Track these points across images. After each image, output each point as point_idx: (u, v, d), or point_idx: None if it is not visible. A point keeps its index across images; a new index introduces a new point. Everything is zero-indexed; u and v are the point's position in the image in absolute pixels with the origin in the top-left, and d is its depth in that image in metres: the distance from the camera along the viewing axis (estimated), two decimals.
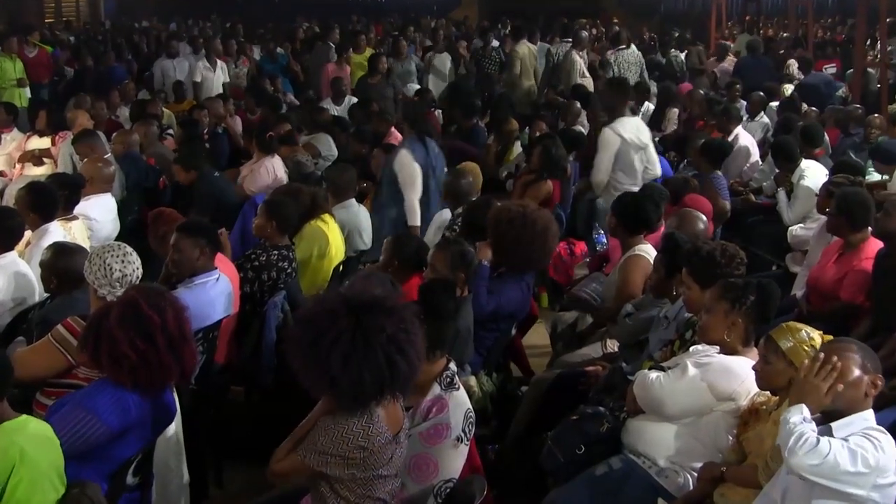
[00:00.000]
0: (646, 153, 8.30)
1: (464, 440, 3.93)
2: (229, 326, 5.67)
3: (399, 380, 3.25)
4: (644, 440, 4.32)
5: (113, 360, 3.67)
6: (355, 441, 3.24)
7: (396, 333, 3.22)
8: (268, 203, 6.36)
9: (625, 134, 8.16)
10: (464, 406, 3.99)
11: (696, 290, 4.75)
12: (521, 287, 5.72)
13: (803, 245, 7.47)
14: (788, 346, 3.78)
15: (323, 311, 3.22)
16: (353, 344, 3.14)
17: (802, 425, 3.22)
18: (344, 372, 3.13)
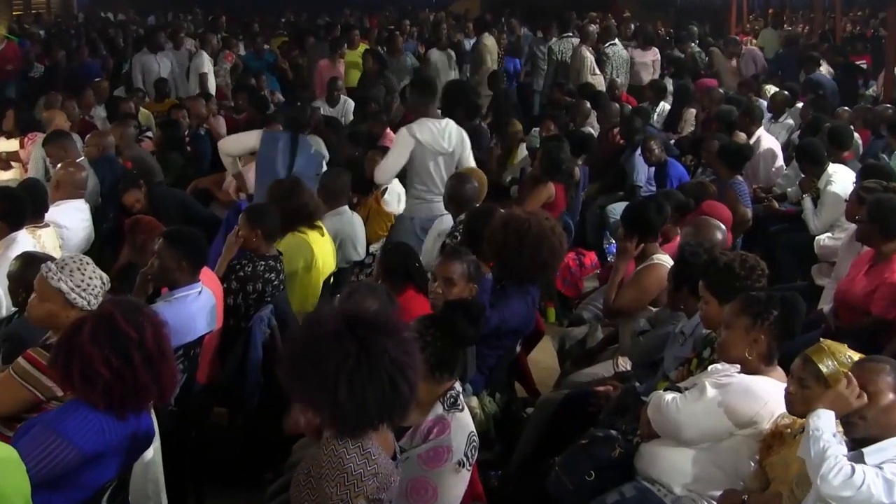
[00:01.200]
0: (450, 160, 8.11)
1: (466, 465, 3.93)
2: (212, 343, 5.66)
3: (400, 403, 3.26)
4: (659, 466, 4.31)
5: (85, 378, 3.65)
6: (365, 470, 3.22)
7: (399, 356, 3.24)
8: (249, 211, 6.36)
9: (420, 136, 8.03)
10: (467, 429, 4.00)
11: (714, 305, 4.76)
12: (525, 301, 5.72)
13: (831, 256, 7.47)
14: (830, 371, 3.73)
15: (326, 333, 3.22)
16: (359, 366, 3.15)
17: (835, 447, 3.21)
18: (350, 395, 3.14)
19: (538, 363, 6.90)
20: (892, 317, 5.90)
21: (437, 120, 8.16)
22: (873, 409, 3.32)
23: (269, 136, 8.04)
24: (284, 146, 7.98)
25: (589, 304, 7.09)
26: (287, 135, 8.06)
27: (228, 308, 5.92)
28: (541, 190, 8.42)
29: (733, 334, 4.28)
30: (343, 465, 3.16)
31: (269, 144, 8.03)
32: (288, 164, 7.93)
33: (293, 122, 8.16)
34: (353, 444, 3.20)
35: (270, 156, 7.99)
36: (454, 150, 8.12)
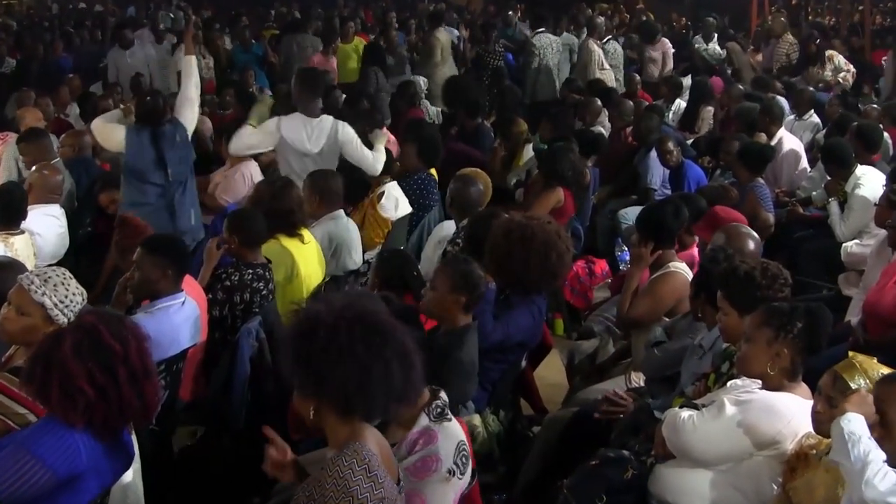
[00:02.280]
0: (319, 161, 8.17)
1: (456, 473, 3.93)
2: (196, 357, 5.67)
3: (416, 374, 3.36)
4: (675, 489, 4.31)
5: (65, 395, 3.64)
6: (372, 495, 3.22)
7: (398, 326, 3.37)
8: (229, 216, 6.38)
9: (285, 132, 8.13)
10: (456, 438, 4.00)
11: (734, 317, 4.76)
12: (531, 312, 5.73)
13: (859, 264, 7.47)
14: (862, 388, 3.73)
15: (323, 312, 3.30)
16: (369, 332, 3.26)
17: (875, 451, 3.21)
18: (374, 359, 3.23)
19: (545, 379, 6.90)
20: None
21: (312, 118, 8.21)
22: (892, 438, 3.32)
23: (131, 136, 7.92)
24: (148, 142, 7.89)
25: (599, 316, 7.09)
26: (147, 130, 7.92)
27: (214, 320, 5.93)
28: (549, 195, 8.43)
29: (754, 348, 4.27)
30: (348, 489, 3.16)
31: (132, 145, 7.92)
32: (155, 159, 7.87)
33: (147, 115, 8.00)
34: (359, 465, 3.20)
35: (136, 157, 7.90)
36: (323, 151, 8.20)
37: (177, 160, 7.94)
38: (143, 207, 7.69)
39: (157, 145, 7.87)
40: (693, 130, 12.70)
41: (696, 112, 12.92)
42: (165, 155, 7.88)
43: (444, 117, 13.02)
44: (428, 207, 8.70)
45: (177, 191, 7.94)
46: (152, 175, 7.85)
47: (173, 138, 7.95)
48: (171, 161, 7.90)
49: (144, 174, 7.85)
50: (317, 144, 8.18)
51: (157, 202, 7.87)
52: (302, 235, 6.79)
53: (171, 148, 7.92)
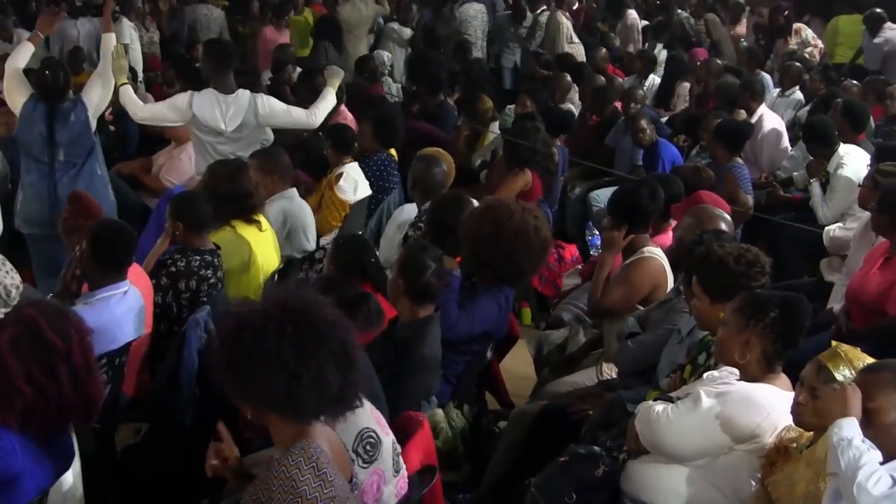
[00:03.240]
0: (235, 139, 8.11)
1: (357, 462, 3.91)
2: (140, 350, 5.64)
3: (356, 376, 3.32)
4: (648, 486, 4.33)
5: (1, 394, 3.62)
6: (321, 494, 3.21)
7: (338, 319, 3.32)
8: (174, 201, 6.34)
9: (197, 110, 8.02)
10: (357, 426, 3.98)
11: (705, 302, 4.79)
12: (497, 301, 5.74)
13: (842, 248, 7.50)
14: (846, 381, 3.74)
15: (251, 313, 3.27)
16: (300, 333, 3.20)
17: (869, 453, 3.23)
18: (303, 365, 3.17)
19: (512, 371, 6.91)
20: None
21: (226, 94, 8.11)
22: (874, 429, 3.34)
23: (27, 107, 7.81)
24: (40, 117, 7.77)
25: (569, 304, 7.11)
26: (43, 104, 7.79)
27: (158, 309, 5.90)
28: (516, 177, 8.44)
29: (726, 333, 4.32)
30: (296, 489, 3.15)
31: (25, 116, 7.83)
32: (43, 136, 7.74)
33: (44, 92, 7.83)
34: (307, 464, 3.19)
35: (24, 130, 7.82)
36: (241, 129, 8.10)
37: (68, 140, 7.77)
38: (30, 188, 7.71)
39: (48, 122, 7.74)
40: (668, 107, 12.74)
41: (672, 88, 12.96)
42: (56, 134, 7.74)
43: (406, 94, 13.00)
44: (388, 190, 8.69)
45: (66, 174, 7.78)
46: (38, 152, 7.74)
47: (68, 117, 7.80)
48: (62, 141, 7.75)
49: (31, 149, 7.75)
50: (233, 122, 8.04)
51: (39, 183, 7.73)
52: (259, 222, 6.75)
53: (64, 127, 7.78)
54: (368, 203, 8.49)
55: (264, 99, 8.24)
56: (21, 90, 7.80)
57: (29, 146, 7.75)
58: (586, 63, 13.36)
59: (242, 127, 8.07)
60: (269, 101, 8.26)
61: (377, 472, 3.93)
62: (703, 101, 11.98)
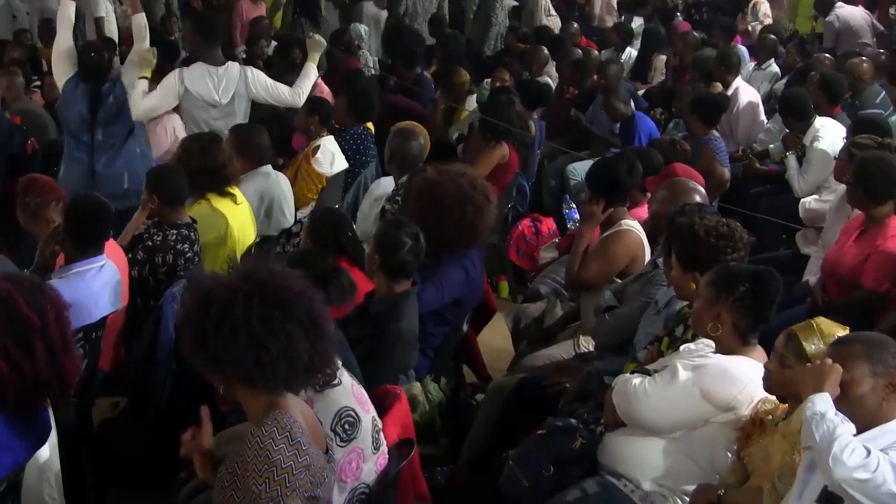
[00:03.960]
0: (229, 111, 8.17)
1: (336, 441, 3.91)
2: (117, 324, 5.63)
3: (325, 345, 3.31)
4: (625, 459, 4.34)
5: None
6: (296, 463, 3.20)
7: (306, 290, 3.31)
8: (150, 175, 6.32)
9: (190, 84, 8.08)
10: (336, 405, 3.97)
11: (678, 271, 4.85)
12: (462, 265, 5.73)
13: (818, 221, 7.53)
14: (815, 351, 3.78)
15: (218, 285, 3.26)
16: (267, 305, 3.20)
17: (843, 426, 3.24)
18: (271, 336, 3.16)
19: (489, 344, 6.92)
20: (884, 290, 5.96)
21: (216, 66, 8.14)
22: (847, 401, 3.36)
23: (69, 86, 7.89)
24: (80, 97, 7.84)
25: (547, 278, 7.12)
26: (85, 84, 7.87)
27: (135, 283, 5.88)
28: (492, 150, 8.43)
29: (700, 305, 4.36)
30: (271, 458, 3.14)
31: (66, 95, 7.90)
32: (83, 115, 7.81)
33: (88, 73, 7.91)
34: (280, 433, 3.18)
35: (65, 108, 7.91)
36: (233, 101, 8.14)
37: (107, 121, 7.85)
38: (72, 163, 7.76)
39: (89, 102, 7.80)
40: (645, 80, 12.73)
41: (648, 61, 12.95)
42: (97, 114, 7.81)
43: (383, 68, 12.96)
44: (364, 163, 8.67)
45: (105, 153, 7.83)
46: (77, 130, 7.81)
47: (107, 98, 7.86)
48: (101, 121, 7.82)
49: (70, 126, 7.83)
50: (226, 94, 8.10)
51: (80, 159, 7.81)
52: (234, 195, 6.73)
53: (103, 108, 7.85)
54: (345, 177, 8.46)
55: (254, 72, 8.28)
56: (67, 67, 7.89)
57: (69, 123, 7.86)
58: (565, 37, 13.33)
59: (235, 99, 8.11)
60: (258, 74, 8.31)
61: (356, 451, 3.93)
62: (680, 74, 11.98)
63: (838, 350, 3.48)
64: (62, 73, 7.89)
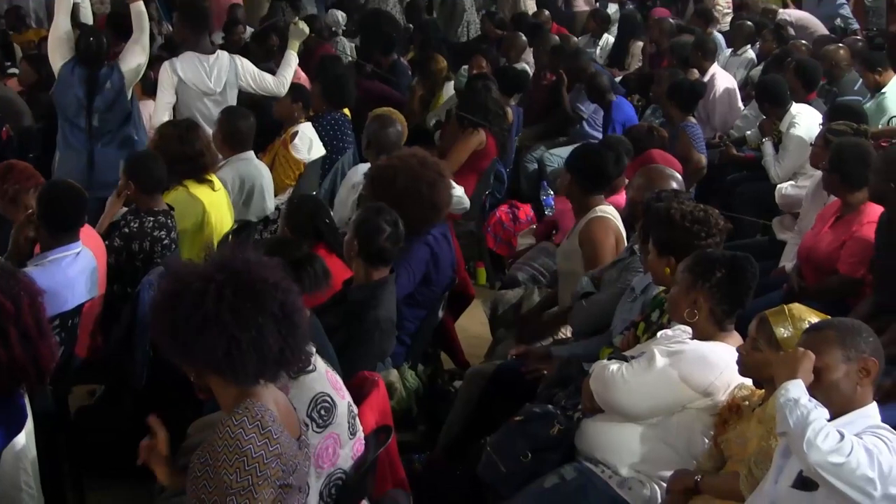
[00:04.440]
0: (222, 100, 8.11)
1: (311, 427, 3.91)
2: (94, 312, 5.61)
3: (297, 337, 3.28)
4: (603, 445, 4.35)
5: None
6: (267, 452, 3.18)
7: (280, 281, 3.27)
8: (128, 161, 6.29)
9: (182, 73, 8.02)
10: (311, 391, 3.97)
11: (654, 255, 4.86)
12: (425, 241, 5.75)
13: (794, 207, 7.54)
14: (785, 336, 3.80)
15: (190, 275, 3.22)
16: (240, 296, 3.16)
17: (817, 411, 3.25)
18: (241, 328, 3.14)
19: (467, 331, 6.94)
20: (860, 276, 5.99)
21: (207, 55, 8.11)
22: (822, 387, 3.37)
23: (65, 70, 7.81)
24: (77, 81, 7.77)
25: (524, 264, 7.12)
26: (81, 69, 7.79)
27: (112, 270, 5.86)
28: (469, 137, 8.42)
29: (677, 292, 4.38)
30: (241, 448, 3.12)
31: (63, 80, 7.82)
32: (80, 100, 7.75)
33: (85, 58, 7.81)
34: (251, 422, 3.16)
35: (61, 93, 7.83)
36: (225, 89, 8.11)
37: (104, 107, 7.77)
38: (68, 150, 7.72)
39: (85, 87, 7.74)
40: (622, 67, 12.73)
41: (626, 47, 12.95)
42: (93, 100, 7.75)
43: (359, 54, 12.93)
44: (342, 150, 8.66)
45: (100, 140, 7.76)
46: (74, 116, 7.75)
47: (104, 84, 7.79)
48: (98, 107, 7.76)
49: (67, 112, 7.77)
50: (219, 82, 8.07)
51: (76, 146, 7.74)
52: (212, 182, 6.71)
53: (100, 94, 7.77)
54: (322, 163, 8.45)
55: (242, 60, 8.27)
56: (64, 51, 7.80)
57: (65, 108, 7.78)
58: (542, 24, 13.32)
59: (227, 87, 8.08)
60: (246, 63, 8.30)
61: (332, 436, 3.93)
62: (657, 61, 11.99)
63: (812, 336, 3.49)
64: (59, 57, 7.81)
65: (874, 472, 3.17)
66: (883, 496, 3.21)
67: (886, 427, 3.37)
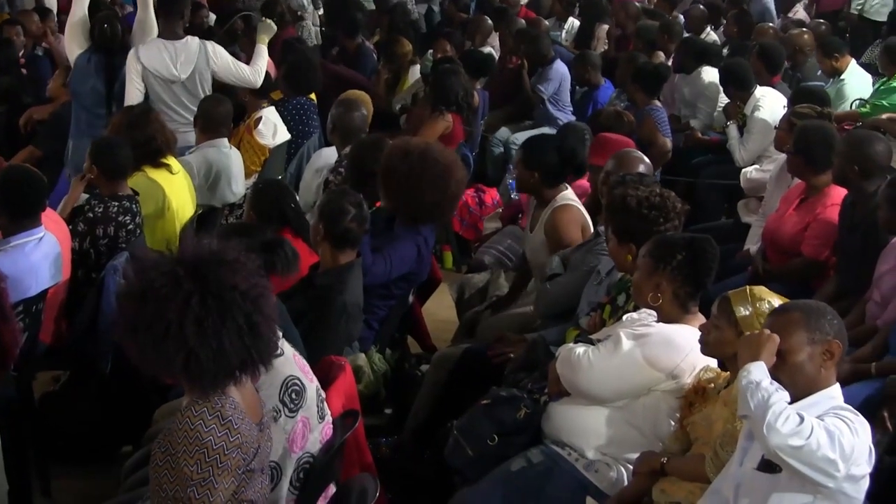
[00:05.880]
0: (191, 86, 7.95)
1: (283, 412, 3.89)
2: (58, 297, 5.57)
3: (261, 345, 3.20)
4: (569, 428, 4.36)
5: None
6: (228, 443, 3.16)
7: (250, 290, 3.17)
8: (94, 145, 6.25)
9: (146, 61, 7.85)
10: (282, 375, 3.94)
11: (614, 242, 4.90)
12: (416, 243, 5.73)
13: (759, 190, 7.58)
14: (743, 315, 3.84)
15: (158, 276, 3.11)
16: (206, 306, 3.07)
17: (777, 394, 3.26)
18: (202, 342, 3.07)
19: (434, 315, 6.93)
20: (823, 257, 6.03)
21: (174, 41, 7.96)
22: (786, 368, 3.39)
23: (81, 60, 7.82)
24: (94, 69, 7.78)
25: (490, 248, 7.13)
26: (98, 57, 7.80)
27: (76, 256, 5.83)
28: (436, 120, 8.40)
29: (639, 277, 4.40)
30: (201, 440, 3.09)
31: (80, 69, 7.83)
32: (98, 88, 7.76)
33: (102, 44, 7.84)
34: (211, 413, 3.12)
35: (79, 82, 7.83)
36: (193, 76, 7.95)
37: (122, 94, 7.77)
38: (85, 140, 7.52)
39: (104, 75, 7.76)
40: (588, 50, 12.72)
41: (591, 30, 12.95)
42: (112, 88, 7.77)
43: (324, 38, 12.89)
44: (307, 134, 8.63)
45: None
46: (92, 105, 7.76)
47: (121, 71, 7.81)
48: (116, 95, 7.77)
49: (84, 101, 7.77)
50: (185, 69, 7.91)
51: (95, 134, 7.51)
52: (169, 165, 6.66)
53: (118, 80, 7.80)
54: (288, 148, 8.42)
55: (215, 47, 8.12)
56: (81, 40, 7.81)
57: (82, 98, 7.79)
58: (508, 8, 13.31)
59: (196, 74, 7.93)
60: (220, 50, 8.14)
61: (303, 420, 3.92)
62: (623, 44, 12.00)
63: (777, 318, 3.50)
64: (76, 46, 7.82)
65: (835, 453, 3.19)
66: (845, 476, 3.24)
67: (849, 408, 3.39)
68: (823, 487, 3.26)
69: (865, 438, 3.30)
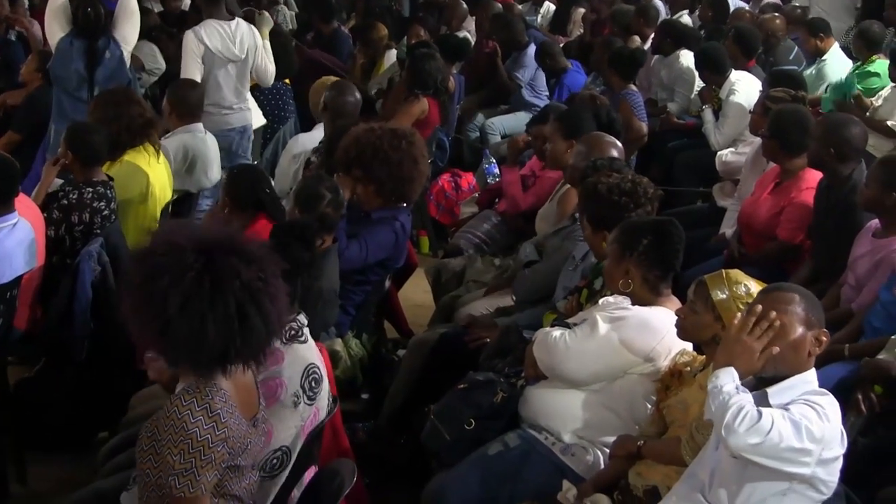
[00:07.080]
0: (243, 67, 8.12)
1: (303, 399, 3.91)
2: (32, 283, 5.55)
3: (250, 340, 3.15)
4: (546, 412, 4.37)
5: None
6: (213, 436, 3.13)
7: (252, 282, 3.13)
8: (69, 131, 6.22)
9: (209, 41, 7.96)
10: (304, 361, 3.97)
11: (589, 230, 4.93)
12: (393, 229, 5.73)
13: (734, 173, 7.60)
14: (720, 299, 3.85)
15: (166, 244, 3.10)
16: (199, 283, 3.04)
17: (738, 395, 3.27)
18: (182, 315, 3.03)
19: (410, 300, 6.94)
20: (798, 241, 6.05)
21: (227, 21, 8.05)
22: (782, 343, 3.39)
23: (63, 44, 7.76)
24: (77, 54, 7.72)
25: (467, 232, 7.13)
26: (80, 41, 7.74)
27: (51, 242, 5.80)
28: (412, 105, 8.39)
29: (609, 264, 4.44)
30: (187, 431, 3.07)
31: (61, 53, 7.77)
32: (80, 73, 7.71)
33: (83, 28, 7.76)
34: (200, 405, 3.10)
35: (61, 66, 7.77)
36: (247, 55, 8.07)
37: (105, 78, 7.72)
38: (58, 121, 7.62)
39: (86, 59, 7.70)
40: (564, 34, 12.73)
41: (567, 15, 12.95)
42: (94, 72, 7.71)
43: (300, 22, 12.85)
44: (283, 119, 8.62)
45: None
46: (74, 89, 7.71)
47: (103, 54, 7.76)
48: (99, 78, 7.71)
49: (67, 85, 7.73)
50: (241, 49, 8.03)
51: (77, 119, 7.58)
52: (153, 150, 6.64)
53: (101, 64, 7.74)
54: (263, 133, 8.39)
55: (258, 32, 8.18)
56: (62, 23, 7.76)
57: (64, 82, 7.74)
58: None
59: (249, 53, 8.04)
60: (259, 36, 8.22)
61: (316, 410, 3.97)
62: (598, 28, 12.01)
63: (777, 295, 3.49)
64: (58, 29, 7.76)
65: (801, 442, 3.20)
66: (817, 462, 3.26)
67: (821, 391, 3.40)
68: (796, 474, 3.28)
69: (836, 422, 3.31)
